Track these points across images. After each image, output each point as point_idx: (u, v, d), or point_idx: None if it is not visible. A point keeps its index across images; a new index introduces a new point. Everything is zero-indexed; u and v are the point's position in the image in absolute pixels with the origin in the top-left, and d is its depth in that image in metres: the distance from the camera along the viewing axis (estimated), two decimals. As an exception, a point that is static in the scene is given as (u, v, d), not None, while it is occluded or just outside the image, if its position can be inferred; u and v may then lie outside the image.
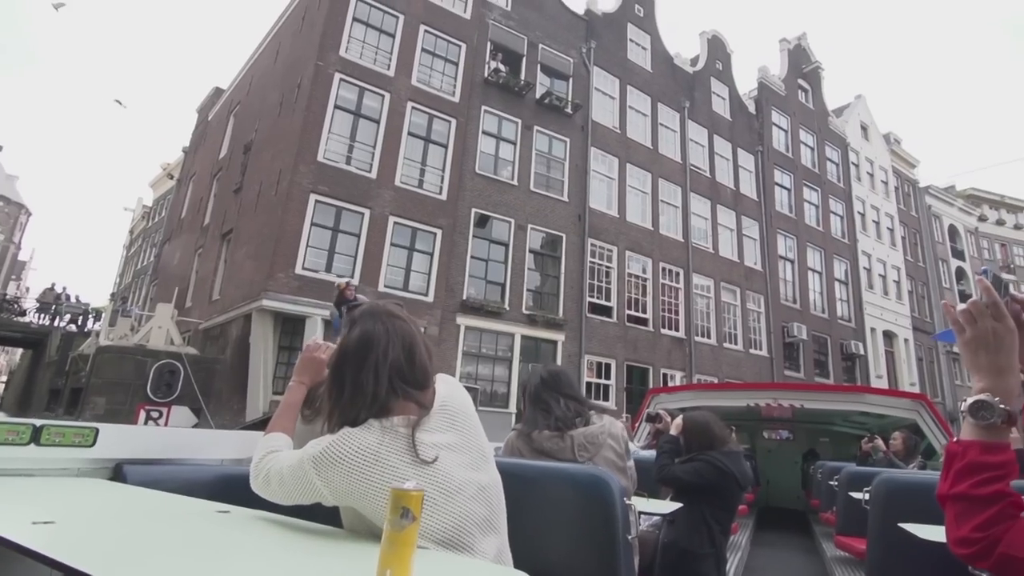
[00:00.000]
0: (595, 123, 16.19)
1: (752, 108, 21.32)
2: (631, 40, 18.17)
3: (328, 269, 11.25)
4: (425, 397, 1.10)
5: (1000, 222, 34.99)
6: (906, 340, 24.39)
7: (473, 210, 13.41)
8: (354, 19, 13.03)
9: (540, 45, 15.82)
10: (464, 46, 14.44)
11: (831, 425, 8.12)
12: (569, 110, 15.56)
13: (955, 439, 0.85)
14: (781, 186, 21.20)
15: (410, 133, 13.16)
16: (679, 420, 3.20)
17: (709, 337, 17.20)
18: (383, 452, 1.01)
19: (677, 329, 16.44)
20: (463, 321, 12.54)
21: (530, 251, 14.05)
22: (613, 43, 17.59)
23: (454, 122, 13.74)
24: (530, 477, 1.58)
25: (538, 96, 15.21)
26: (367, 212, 11.99)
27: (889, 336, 23.84)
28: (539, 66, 15.72)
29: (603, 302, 15.07)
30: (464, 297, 12.65)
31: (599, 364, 14.59)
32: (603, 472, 1.68)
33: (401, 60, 13.39)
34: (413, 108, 13.28)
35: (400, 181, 12.65)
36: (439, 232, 12.75)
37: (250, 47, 21.25)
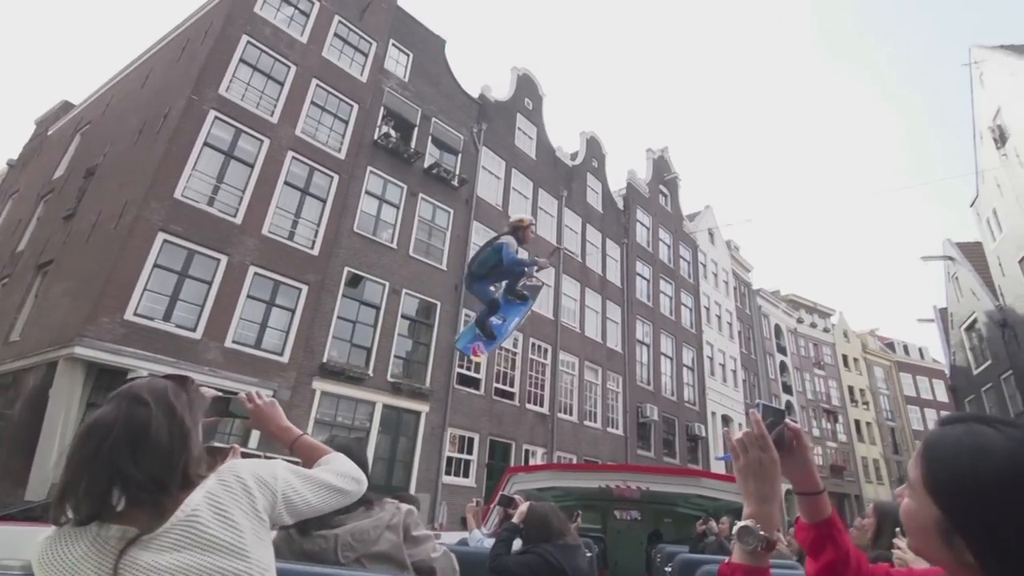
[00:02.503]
0: (479, 198, 16.78)
1: (621, 204, 23.55)
2: (519, 129, 19.48)
3: (166, 318, 9.99)
4: (164, 502, 0.91)
5: (813, 325, 41.26)
6: (740, 425, 27.07)
7: (346, 269, 12.92)
8: (241, 60, 12.54)
9: (433, 118, 16.34)
10: (357, 107, 14.46)
11: (675, 506, 8.51)
12: (455, 183, 16.00)
13: (727, 560, 0.89)
14: (641, 276, 23.27)
15: (287, 182, 12.60)
16: (523, 508, 3.16)
17: (571, 414, 17.71)
18: (83, 569, 0.83)
19: (541, 405, 16.75)
20: (320, 386, 11.68)
21: (402, 316, 13.73)
22: (503, 128, 18.71)
23: (336, 178, 13.44)
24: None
25: (426, 165, 15.50)
26: (224, 259, 11.01)
27: (726, 420, 26.33)
28: (430, 138, 16.15)
29: (472, 374, 14.99)
30: (324, 360, 11.86)
31: (462, 438, 14.27)
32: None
33: (287, 109, 13.02)
34: (294, 158, 12.82)
35: (268, 230, 11.89)
36: (305, 288, 12.03)
37: (114, 66, 19.36)
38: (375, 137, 14.59)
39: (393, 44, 16.05)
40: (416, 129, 15.81)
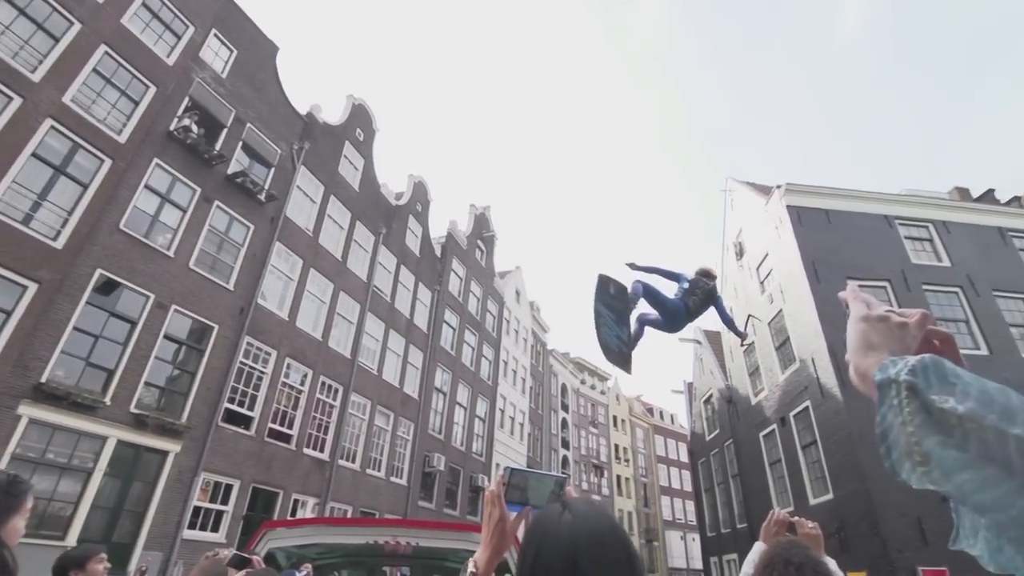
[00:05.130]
0: (288, 219, 15.56)
1: (438, 252, 23.93)
2: (346, 156, 18.81)
3: None
4: None
5: (593, 387, 45.91)
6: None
7: (99, 271, 10.72)
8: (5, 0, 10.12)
9: (249, 124, 14.93)
10: (154, 89, 12.57)
11: (445, 561, 8.38)
12: (262, 197, 14.64)
13: None
14: (448, 325, 23.62)
15: (36, 155, 10.22)
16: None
17: (354, 461, 16.71)
18: None
19: (322, 450, 15.52)
20: (29, 411, 9.22)
21: (166, 337, 11.73)
22: (327, 152, 17.87)
23: (109, 163, 11.31)
24: None
25: (230, 172, 13.95)
26: (-89, 234, 8.35)
27: (509, 473, 27.42)
28: (241, 143, 14.67)
29: (244, 411, 13.31)
30: (43, 379, 9.46)
31: (218, 484, 12.41)
32: None
33: (58, 69, 10.76)
34: (53, 127, 10.51)
35: (-6, 208, 9.40)
36: (34, 287, 9.63)
37: None
38: (171, 128, 12.76)
39: (215, 35, 14.50)
40: (226, 131, 14.25)
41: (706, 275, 6.57)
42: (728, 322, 6.93)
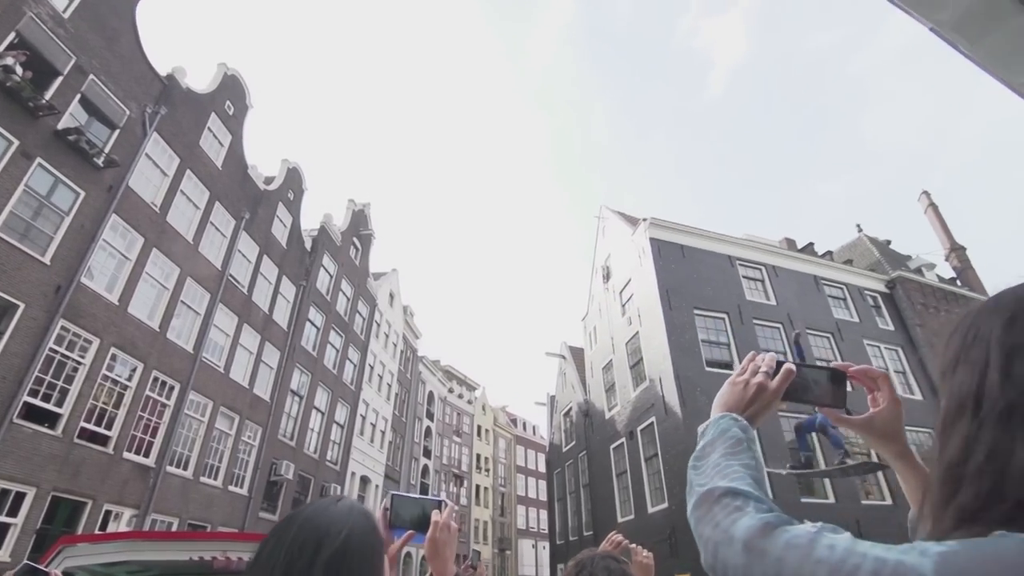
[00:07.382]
0: (130, 190, 13.67)
1: (308, 245, 22.54)
2: (210, 129, 17.06)
3: None
4: None
5: (460, 396, 46.01)
6: (377, 486, 27.47)
7: None
8: None
9: (92, 76, 12.95)
10: (-35, 14, 10.43)
11: None
12: (100, 162, 12.72)
13: None
14: (312, 323, 22.27)
15: None
16: None
17: (185, 468, 14.94)
18: None
19: (147, 454, 13.67)
20: None
21: (-52, 312, 9.65)
22: (188, 121, 16.07)
23: None
24: None
25: (61, 126, 11.97)
26: None
27: (365, 481, 26.39)
28: (80, 97, 12.67)
29: (50, 407, 11.29)
30: None
31: (6, 493, 10.33)
32: None
33: None
34: None
35: None
36: None
37: None
38: (-15, 65, 10.65)
39: (58, -34, 12.43)
40: (61, 79, 12.22)
41: None
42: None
